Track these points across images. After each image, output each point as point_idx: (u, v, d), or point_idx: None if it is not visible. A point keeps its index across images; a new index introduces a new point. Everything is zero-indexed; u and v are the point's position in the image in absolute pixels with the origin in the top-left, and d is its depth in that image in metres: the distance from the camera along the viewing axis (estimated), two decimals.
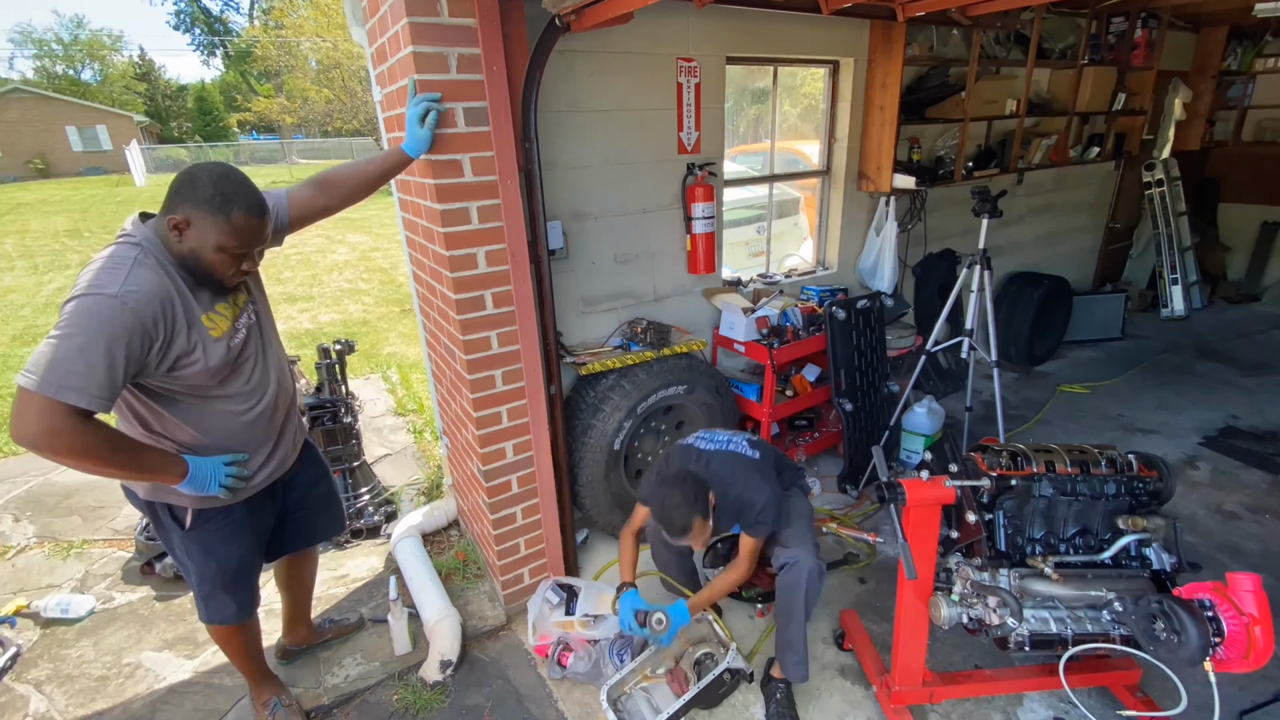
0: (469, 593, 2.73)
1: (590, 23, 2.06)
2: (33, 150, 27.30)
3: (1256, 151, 6.05)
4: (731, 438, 2.24)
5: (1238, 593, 1.56)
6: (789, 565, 2.02)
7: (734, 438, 2.24)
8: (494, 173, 2.03)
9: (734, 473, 2.10)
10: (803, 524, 2.17)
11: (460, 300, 2.09)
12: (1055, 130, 4.55)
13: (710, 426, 3.08)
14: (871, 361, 3.41)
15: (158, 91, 43.22)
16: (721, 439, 2.24)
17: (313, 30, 23.05)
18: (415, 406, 4.47)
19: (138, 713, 2.22)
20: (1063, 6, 4.16)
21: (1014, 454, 2.01)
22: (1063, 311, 5.07)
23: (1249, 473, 3.47)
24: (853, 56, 3.40)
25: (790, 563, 2.02)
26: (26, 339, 6.34)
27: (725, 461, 2.13)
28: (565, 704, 2.22)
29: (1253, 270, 6.28)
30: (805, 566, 1.99)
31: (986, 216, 3.05)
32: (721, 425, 3.12)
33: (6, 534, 3.22)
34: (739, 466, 2.11)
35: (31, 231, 13.30)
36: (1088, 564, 1.95)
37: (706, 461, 2.14)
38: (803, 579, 1.99)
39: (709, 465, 2.13)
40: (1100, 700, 2.17)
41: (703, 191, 2.94)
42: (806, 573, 1.98)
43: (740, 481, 2.07)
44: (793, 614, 2.03)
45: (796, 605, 2.01)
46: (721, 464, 2.12)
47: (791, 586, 2.01)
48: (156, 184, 23.44)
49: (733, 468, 2.11)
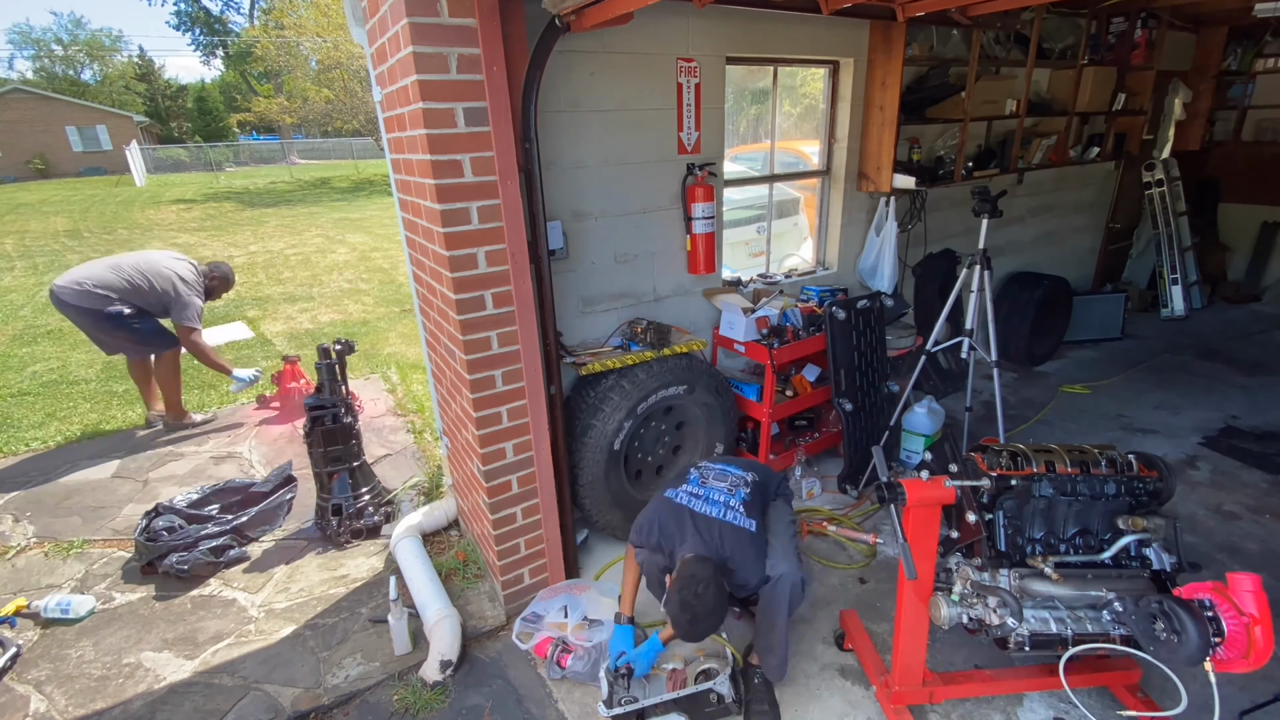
0: (469, 593, 2.73)
1: (590, 23, 2.06)
2: (32, 150, 27.30)
3: (1256, 151, 6.05)
4: (729, 499, 2.18)
5: (1238, 593, 1.56)
6: (774, 580, 2.04)
7: (730, 499, 2.18)
8: (494, 173, 2.03)
9: (735, 552, 2.05)
10: (785, 537, 2.19)
11: (460, 300, 2.09)
12: (1055, 130, 4.55)
13: (710, 427, 3.10)
14: (871, 361, 3.41)
15: (158, 92, 43.26)
16: (719, 499, 2.18)
17: (313, 30, 23.05)
18: (415, 407, 4.47)
19: (137, 713, 2.22)
20: (1062, 6, 4.16)
21: (1014, 454, 2.01)
22: (1063, 312, 5.08)
23: (1249, 473, 3.47)
24: (853, 56, 3.40)
25: (772, 576, 2.04)
26: (26, 339, 6.34)
27: (728, 539, 2.08)
28: (565, 704, 2.22)
29: (1253, 270, 6.28)
30: (789, 580, 2.02)
31: (986, 216, 3.05)
32: (721, 424, 3.13)
33: (6, 534, 3.22)
34: (740, 545, 2.07)
35: (31, 232, 13.30)
36: (1088, 564, 1.95)
37: (709, 540, 2.07)
38: (786, 592, 2.02)
39: (712, 544, 2.06)
40: (1100, 700, 2.16)
41: (703, 191, 2.94)
42: (790, 586, 2.02)
43: (738, 560, 2.06)
44: (776, 623, 2.06)
45: (779, 615, 2.05)
46: (723, 541, 2.07)
47: (775, 599, 2.04)
48: (156, 184, 23.46)
49: (734, 546, 2.06)
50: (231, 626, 2.60)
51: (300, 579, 2.87)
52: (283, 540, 3.15)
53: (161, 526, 2.97)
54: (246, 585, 2.84)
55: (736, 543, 2.06)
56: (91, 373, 5.36)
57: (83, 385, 5.10)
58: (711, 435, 3.14)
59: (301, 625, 2.59)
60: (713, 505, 2.16)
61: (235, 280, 4.56)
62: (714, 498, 2.19)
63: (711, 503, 2.17)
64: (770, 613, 2.06)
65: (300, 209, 16.40)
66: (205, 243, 11.61)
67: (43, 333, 6.53)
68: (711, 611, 1.89)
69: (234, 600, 2.75)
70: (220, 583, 2.86)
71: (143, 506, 3.33)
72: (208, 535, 2.97)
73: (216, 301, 4.71)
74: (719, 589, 1.92)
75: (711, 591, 1.89)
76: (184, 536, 2.93)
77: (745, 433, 3.43)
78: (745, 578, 2.06)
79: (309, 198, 18.73)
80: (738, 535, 2.08)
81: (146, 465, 3.85)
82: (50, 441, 4.17)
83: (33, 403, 4.79)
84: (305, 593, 2.78)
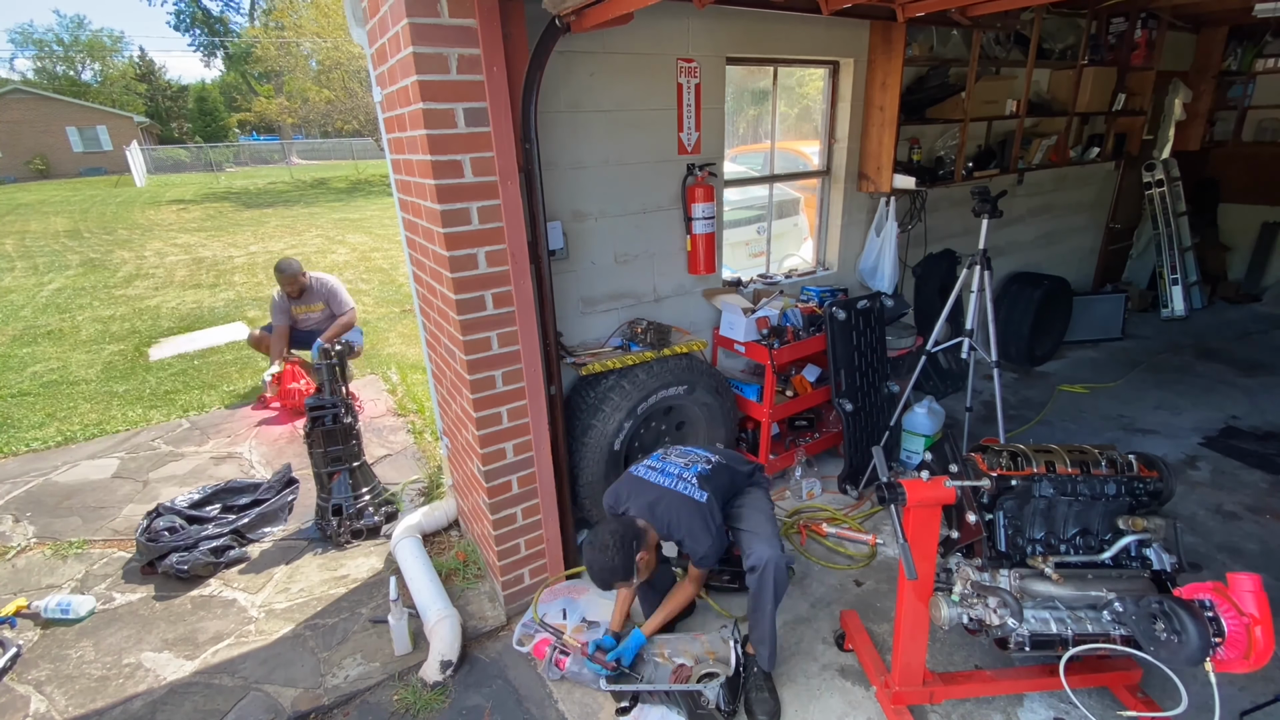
0: (469, 593, 2.73)
1: (590, 23, 2.06)
2: (33, 150, 27.32)
3: (1256, 151, 6.05)
4: (683, 471, 2.23)
5: (1238, 593, 1.56)
6: (758, 569, 2.06)
7: (685, 471, 2.23)
8: (494, 173, 2.03)
9: (679, 518, 2.11)
10: (762, 519, 2.22)
11: (460, 300, 2.09)
12: (1055, 130, 4.55)
13: (710, 427, 3.10)
14: (872, 362, 3.41)
15: (158, 92, 43.27)
16: (673, 470, 2.23)
17: (313, 30, 23.05)
18: (415, 407, 4.47)
19: (138, 713, 2.22)
20: (1062, 7, 4.16)
21: (1014, 454, 2.01)
22: (1063, 312, 5.07)
23: (1249, 473, 3.47)
24: (852, 57, 3.40)
25: (757, 565, 2.07)
26: (26, 339, 6.34)
27: (671, 506, 2.13)
28: (565, 704, 2.22)
29: (1253, 270, 6.28)
30: (773, 565, 2.05)
31: (986, 217, 3.05)
32: (721, 425, 3.13)
33: (7, 534, 3.22)
34: (684, 512, 2.11)
35: (31, 232, 13.31)
36: (1088, 564, 1.95)
37: (652, 505, 2.14)
38: (770, 577, 2.05)
39: (654, 509, 2.14)
40: (1101, 700, 2.16)
41: (703, 192, 2.94)
42: (774, 569, 2.05)
43: (683, 528, 2.10)
44: (764, 610, 2.10)
45: (766, 601, 2.08)
46: (667, 508, 2.13)
47: (761, 588, 2.07)
48: (156, 184, 23.47)
49: (678, 513, 2.11)
50: (232, 627, 2.60)
51: (300, 579, 2.87)
52: (283, 540, 3.15)
53: (162, 527, 2.97)
54: (247, 585, 2.84)
55: (681, 510, 2.11)
56: (92, 373, 5.37)
57: (83, 386, 5.10)
58: (712, 435, 3.14)
59: (302, 625, 2.59)
60: (666, 476, 2.22)
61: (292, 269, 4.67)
62: (669, 470, 2.25)
63: (665, 474, 2.23)
64: (759, 601, 2.10)
65: (300, 209, 16.41)
66: (205, 243, 11.61)
67: (43, 333, 6.53)
68: (605, 566, 2.02)
69: (234, 600, 2.75)
70: (220, 583, 2.86)
71: (143, 507, 3.33)
72: (208, 536, 2.98)
73: (217, 302, 4.75)
74: (618, 545, 2.02)
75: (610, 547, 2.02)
76: (185, 537, 2.93)
77: (745, 433, 3.43)
78: (693, 546, 2.11)
79: (307, 198, 18.74)
80: (683, 503, 2.12)
81: (147, 465, 3.85)
82: (50, 442, 4.17)
83: (33, 403, 4.79)
84: (305, 593, 2.78)
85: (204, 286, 8.36)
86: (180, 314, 7.12)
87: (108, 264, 10.02)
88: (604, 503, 2.32)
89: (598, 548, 2.04)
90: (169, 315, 7.10)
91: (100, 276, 9.16)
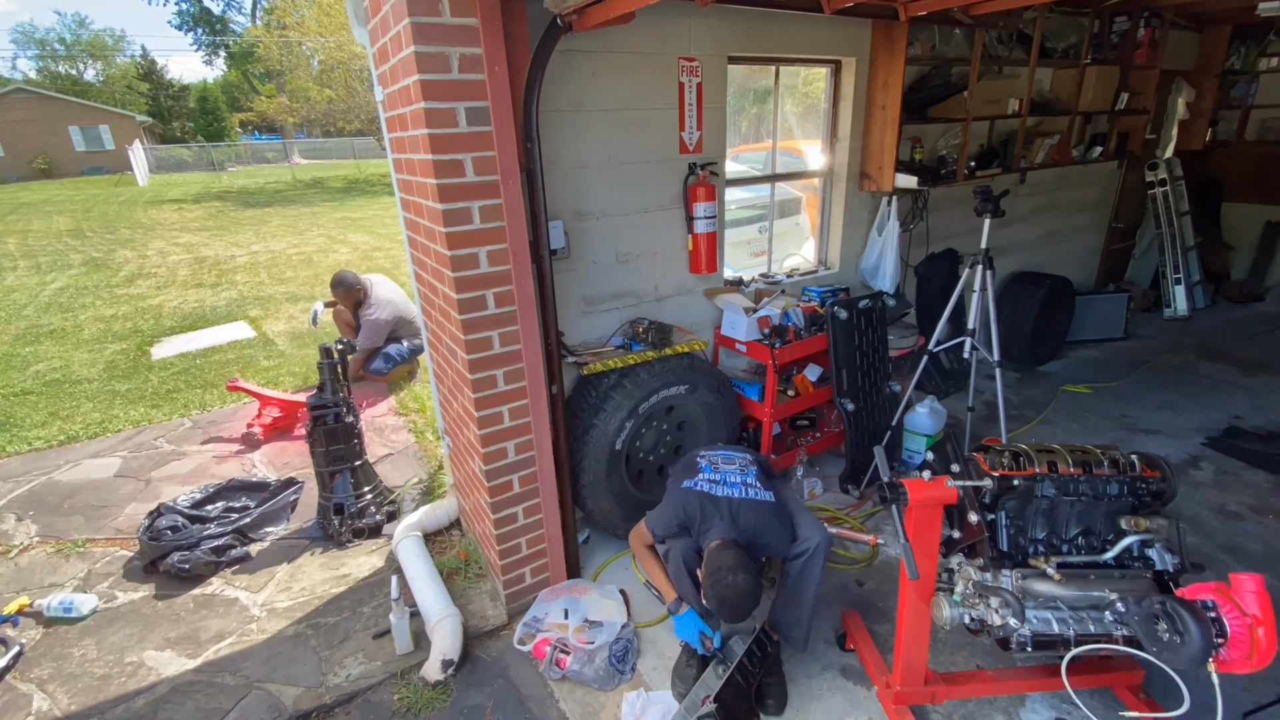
0: (470, 592, 2.73)
1: (592, 22, 2.06)
2: (35, 150, 27.37)
3: (1260, 151, 6.03)
4: (744, 477, 2.20)
5: (1241, 593, 1.56)
6: (809, 551, 2.09)
7: (745, 476, 2.20)
8: (496, 172, 2.03)
9: (759, 523, 2.08)
10: (801, 507, 2.26)
11: (462, 300, 2.09)
12: (1058, 130, 4.54)
13: (711, 427, 3.10)
14: (873, 361, 3.40)
15: (160, 91, 43.31)
16: (735, 480, 2.19)
17: (315, 30, 23.07)
18: (417, 406, 4.48)
19: (140, 711, 2.22)
20: (1065, 6, 4.15)
21: (1016, 454, 2.01)
22: (1065, 311, 5.06)
23: (1252, 473, 3.46)
24: (855, 56, 3.39)
25: (807, 547, 2.09)
26: (29, 339, 6.35)
27: (749, 514, 2.09)
28: (566, 703, 2.22)
29: (1256, 270, 6.26)
30: (823, 545, 2.10)
31: (989, 216, 3.04)
32: (723, 424, 3.12)
33: (10, 533, 3.23)
34: (762, 516, 2.09)
35: (34, 231, 13.33)
36: (1090, 564, 1.94)
37: (734, 517, 2.08)
38: (819, 559, 2.10)
39: (737, 521, 2.07)
40: (1103, 701, 2.16)
41: (704, 191, 2.94)
42: (824, 551, 2.10)
43: (766, 532, 2.09)
44: (806, 594, 2.13)
45: (811, 585, 2.11)
46: (748, 517, 2.09)
47: (809, 570, 2.10)
48: (159, 183, 23.51)
49: (758, 518, 2.09)
50: (233, 625, 2.60)
51: (302, 578, 2.87)
52: (284, 539, 3.15)
53: (164, 526, 2.98)
54: (248, 584, 2.84)
55: (760, 517, 2.10)
56: (94, 372, 5.38)
57: (85, 385, 5.11)
58: (713, 435, 3.13)
59: (303, 624, 2.60)
60: (732, 487, 2.18)
61: (347, 283, 4.78)
62: (730, 479, 2.22)
63: (730, 485, 2.19)
64: (802, 583, 2.11)
65: (302, 208, 16.42)
66: (207, 242, 11.63)
67: (45, 332, 6.54)
68: (744, 594, 1.89)
69: (236, 599, 2.76)
70: (222, 582, 2.86)
71: (145, 506, 3.34)
72: (210, 535, 2.98)
73: (219, 301, 4.77)
74: (747, 571, 1.91)
75: (741, 576, 1.89)
76: (187, 536, 2.94)
77: (747, 432, 3.42)
78: (778, 548, 2.12)
79: (309, 197, 18.75)
80: (760, 509, 2.11)
81: (149, 464, 3.86)
82: (53, 441, 4.18)
83: (35, 402, 4.80)
84: (307, 592, 2.78)
85: (206, 286, 8.37)
86: (182, 313, 7.13)
87: (110, 263, 10.04)
88: (661, 524, 2.22)
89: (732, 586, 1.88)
90: (171, 314, 7.11)
91: (102, 276, 9.18)
